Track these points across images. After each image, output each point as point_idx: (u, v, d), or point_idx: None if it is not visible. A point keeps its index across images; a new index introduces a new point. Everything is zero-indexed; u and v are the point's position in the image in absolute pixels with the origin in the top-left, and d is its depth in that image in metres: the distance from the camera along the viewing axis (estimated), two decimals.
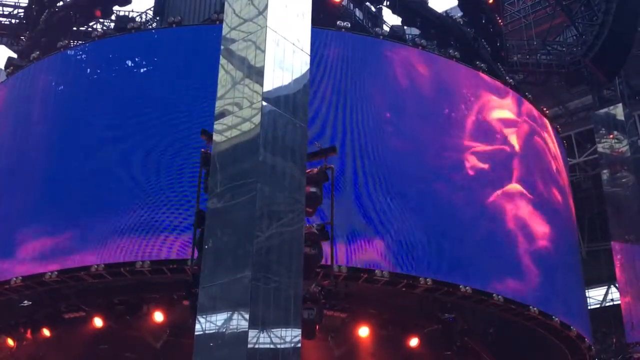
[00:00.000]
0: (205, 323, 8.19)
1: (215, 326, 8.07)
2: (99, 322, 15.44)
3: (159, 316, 15.16)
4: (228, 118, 9.18)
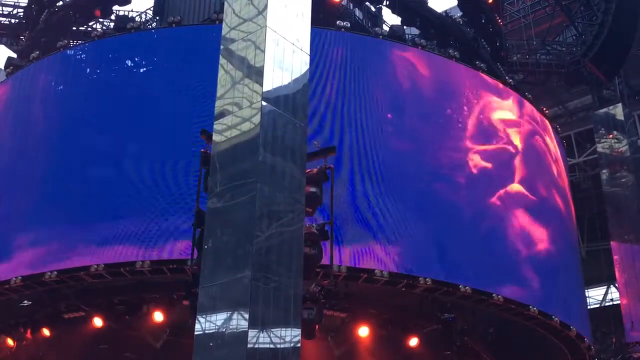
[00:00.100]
0: (205, 323, 8.19)
1: (215, 326, 8.07)
2: (98, 322, 15.43)
3: (158, 316, 15.15)
4: (228, 118, 9.18)
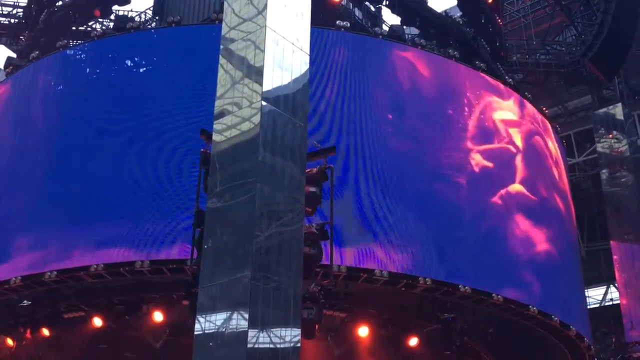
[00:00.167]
0: (204, 323, 8.18)
1: (214, 326, 8.06)
2: (98, 322, 15.43)
3: (158, 316, 15.14)
4: (227, 118, 9.17)
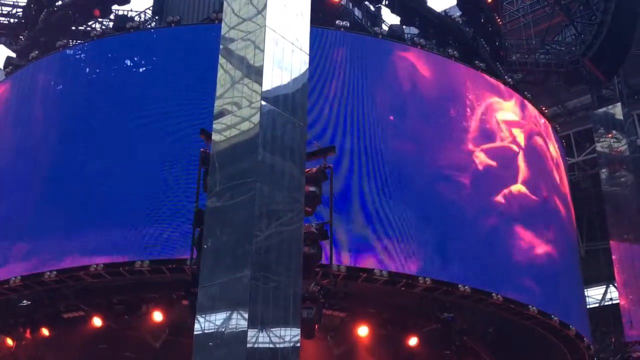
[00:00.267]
0: (204, 322, 8.18)
1: (214, 326, 8.06)
2: (98, 322, 15.43)
3: (158, 316, 15.14)
4: (227, 117, 9.17)
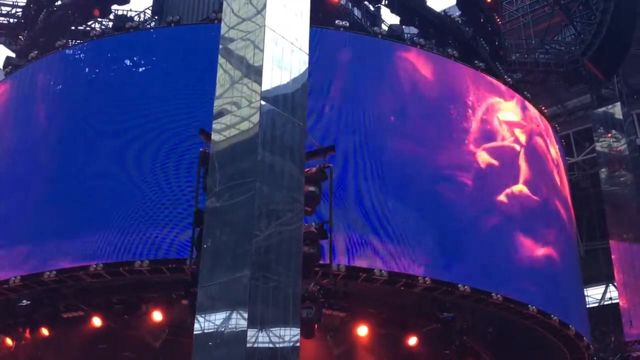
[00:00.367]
0: (204, 322, 8.18)
1: (214, 325, 8.06)
2: (97, 322, 15.42)
3: (157, 315, 15.14)
4: (227, 117, 9.17)
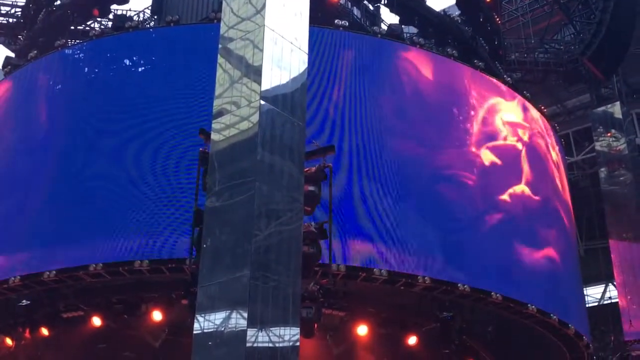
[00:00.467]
0: (203, 322, 8.18)
1: (213, 325, 8.07)
2: (97, 322, 15.43)
3: (157, 315, 15.15)
4: (226, 117, 9.17)
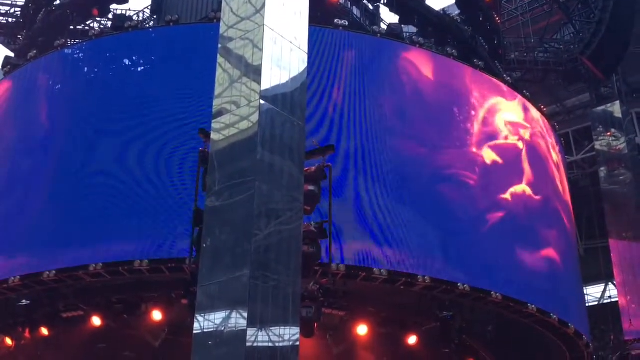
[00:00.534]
0: (203, 322, 8.19)
1: (213, 325, 8.07)
2: (97, 321, 15.43)
3: (157, 315, 15.14)
4: (226, 117, 9.17)
